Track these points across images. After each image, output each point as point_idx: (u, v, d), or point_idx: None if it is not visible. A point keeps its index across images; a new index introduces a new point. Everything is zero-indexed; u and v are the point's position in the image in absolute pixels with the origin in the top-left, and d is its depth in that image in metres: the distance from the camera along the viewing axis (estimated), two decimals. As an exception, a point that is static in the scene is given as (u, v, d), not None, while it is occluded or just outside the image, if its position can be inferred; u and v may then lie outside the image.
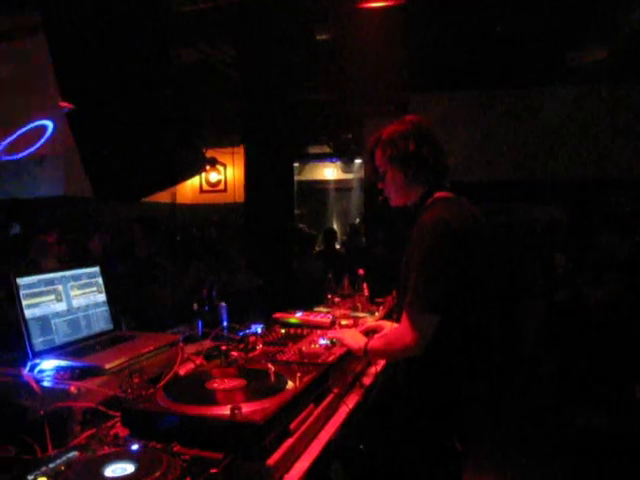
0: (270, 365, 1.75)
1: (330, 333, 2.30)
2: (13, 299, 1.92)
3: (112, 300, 2.38)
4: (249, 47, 6.28)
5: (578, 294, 5.10)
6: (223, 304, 2.94)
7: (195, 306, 3.17)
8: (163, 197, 10.80)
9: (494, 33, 5.46)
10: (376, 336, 2.14)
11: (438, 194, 2.03)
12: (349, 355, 2.18)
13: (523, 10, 5.29)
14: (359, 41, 5.41)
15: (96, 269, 2.29)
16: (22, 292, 1.90)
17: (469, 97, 6.79)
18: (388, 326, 2.28)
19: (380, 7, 4.67)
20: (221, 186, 11.83)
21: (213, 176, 11.71)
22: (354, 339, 2.14)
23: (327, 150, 10.96)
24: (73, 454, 1.35)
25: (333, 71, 6.40)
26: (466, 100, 6.78)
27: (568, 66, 6.08)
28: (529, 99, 6.90)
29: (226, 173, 11.67)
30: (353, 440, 2.44)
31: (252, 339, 2.29)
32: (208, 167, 9.21)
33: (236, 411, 1.40)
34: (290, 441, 1.50)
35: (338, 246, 9.59)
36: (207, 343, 2.55)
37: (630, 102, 6.76)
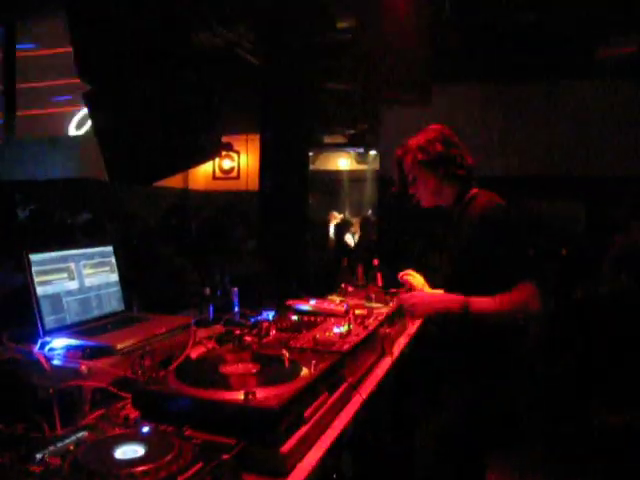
0: (285, 351, 1.71)
1: (399, 300, 2.48)
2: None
3: (125, 282, 2.35)
4: (268, 33, 6.22)
5: (593, 291, 5.02)
6: (235, 289, 2.90)
7: (207, 290, 3.14)
8: (175, 182, 10.78)
9: (521, 23, 5.36)
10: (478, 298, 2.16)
11: (473, 190, 2.21)
12: (363, 345, 2.14)
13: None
14: (380, 30, 5.33)
15: (109, 248, 2.26)
16: (34, 269, 1.87)
17: (491, 89, 6.66)
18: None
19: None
20: (234, 173, 11.80)
21: (226, 163, 11.69)
22: (438, 299, 2.26)
23: (342, 140, 10.87)
24: (82, 434, 1.32)
25: (352, 60, 6.33)
26: (488, 92, 6.66)
27: (596, 60, 5.95)
28: (554, 93, 6.77)
29: (239, 160, 11.63)
30: (361, 430, 2.40)
31: (265, 325, 2.25)
32: (224, 152, 9.17)
33: (250, 396, 1.36)
34: (304, 429, 1.46)
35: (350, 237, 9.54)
36: (218, 328, 2.53)
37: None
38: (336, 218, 10.74)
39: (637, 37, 5.69)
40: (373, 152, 11.46)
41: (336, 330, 2.17)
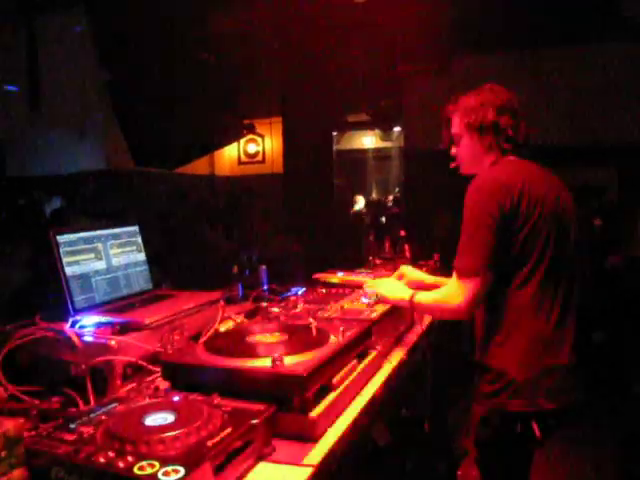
0: (312, 319, 1.71)
1: (366, 286, 2.23)
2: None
3: (154, 261, 2.37)
4: (288, 13, 6.17)
5: (629, 260, 4.93)
6: (263, 267, 2.91)
7: (235, 269, 3.15)
8: (201, 169, 10.81)
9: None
10: (424, 291, 2.06)
11: (505, 159, 1.96)
12: (393, 313, 2.13)
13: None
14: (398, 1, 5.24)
15: (135, 228, 2.28)
16: (62, 249, 1.90)
17: (515, 57, 6.47)
18: (413, 273, 2.39)
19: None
20: (259, 157, 11.77)
21: (251, 147, 11.67)
22: (394, 290, 2.11)
23: (365, 118, 10.75)
24: (114, 405, 1.34)
25: (372, 34, 6.24)
26: (512, 60, 6.46)
27: (623, 19, 5.72)
28: (579, 57, 6.57)
29: (264, 144, 11.61)
30: (396, 403, 2.39)
31: (293, 298, 2.25)
32: (248, 135, 9.18)
33: (278, 362, 1.36)
34: (333, 395, 1.46)
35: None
36: (248, 305, 2.53)
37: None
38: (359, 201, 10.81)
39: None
40: (397, 129, 11.33)
41: (364, 300, 2.16)
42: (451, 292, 1.85)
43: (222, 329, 1.97)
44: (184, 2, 4.45)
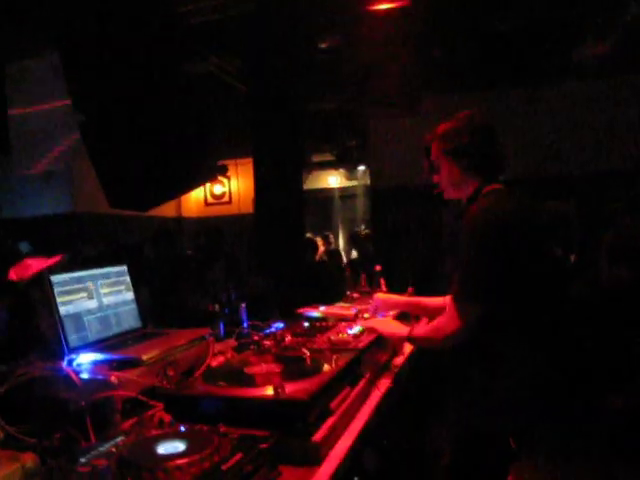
0: (305, 350, 1.78)
1: (361, 322, 2.34)
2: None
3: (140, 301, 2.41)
4: (253, 57, 6.35)
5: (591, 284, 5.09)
6: (243, 305, 2.96)
7: (216, 307, 3.19)
8: (169, 211, 10.84)
9: (499, 31, 5.53)
10: (421, 324, 2.17)
11: (490, 187, 2.04)
12: (376, 344, 2.21)
13: (526, 8, 5.39)
14: (364, 45, 5.46)
15: (124, 268, 2.32)
16: (56, 290, 1.93)
17: (478, 97, 6.78)
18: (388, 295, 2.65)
19: (384, 10, 4.72)
20: (225, 198, 11.86)
21: (217, 188, 11.76)
22: (393, 327, 2.21)
23: (330, 158, 11.00)
24: (120, 438, 1.37)
25: (338, 76, 6.45)
26: (476, 100, 6.77)
27: (574, 61, 6.12)
28: (537, 96, 6.96)
29: (230, 185, 11.72)
30: (382, 429, 2.44)
31: (280, 332, 2.31)
32: (219, 176, 9.28)
33: (280, 390, 1.42)
34: (332, 419, 1.52)
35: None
36: (231, 342, 2.58)
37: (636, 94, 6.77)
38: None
39: (613, 37, 5.86)
40: (362, 167, 11.60)
41: (349, 332, 2.24)
42: (448, 317, 1.92)
43: (214, 364, 2.02)
44: (158, 48, 4.56)
